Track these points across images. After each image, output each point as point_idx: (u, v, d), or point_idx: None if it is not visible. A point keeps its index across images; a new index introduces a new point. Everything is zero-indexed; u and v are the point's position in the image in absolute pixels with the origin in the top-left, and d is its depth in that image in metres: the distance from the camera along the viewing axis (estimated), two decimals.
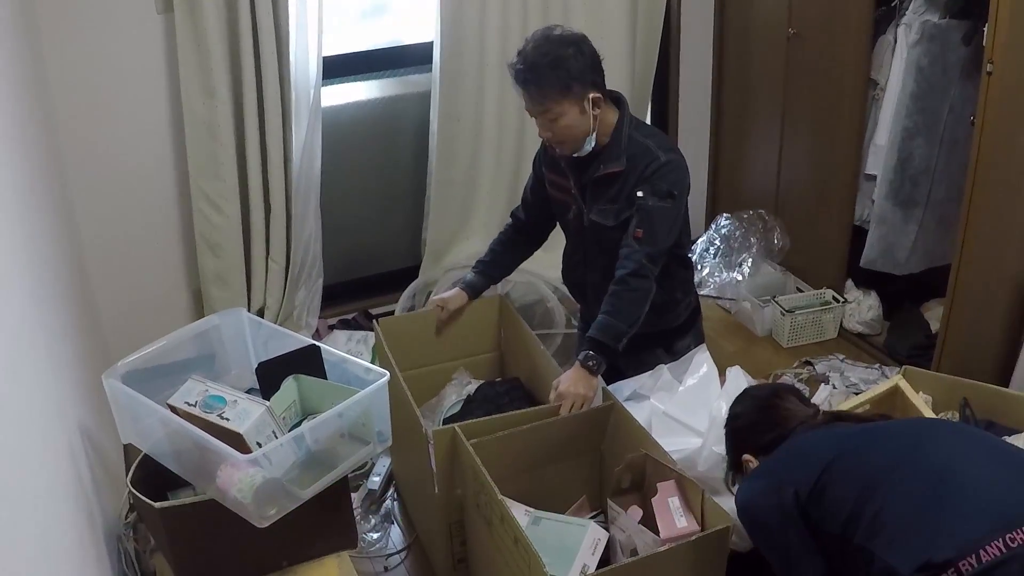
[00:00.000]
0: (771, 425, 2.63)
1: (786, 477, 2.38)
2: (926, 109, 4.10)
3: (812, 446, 2.45)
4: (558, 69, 3.08)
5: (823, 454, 2.34)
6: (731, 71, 5.20)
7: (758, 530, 2.46)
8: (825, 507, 2.27)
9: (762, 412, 2.70)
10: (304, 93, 4.11)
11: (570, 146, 3.21)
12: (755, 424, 2.68)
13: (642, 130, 3.31)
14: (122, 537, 2.80)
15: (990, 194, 3.70)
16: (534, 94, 3.10)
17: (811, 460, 2.36)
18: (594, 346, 3.11)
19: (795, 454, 2.47)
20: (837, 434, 2.48)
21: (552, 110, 3.10)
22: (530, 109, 3.16)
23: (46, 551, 1.84)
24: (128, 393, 2.54)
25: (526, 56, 3.11)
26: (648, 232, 3.17)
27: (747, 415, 2.74)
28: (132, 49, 3.93)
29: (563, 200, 3.44)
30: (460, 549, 3.13)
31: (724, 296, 5.01)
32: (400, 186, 4.96)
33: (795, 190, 4.92)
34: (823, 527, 2.27)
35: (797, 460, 2.43)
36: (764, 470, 2.52)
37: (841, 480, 2.26)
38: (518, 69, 3.11)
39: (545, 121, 3.15)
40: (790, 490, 2.32)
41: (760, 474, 2.52)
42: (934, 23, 4.01)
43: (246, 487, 2.31)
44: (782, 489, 2.34)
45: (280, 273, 4.36)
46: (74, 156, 3.93)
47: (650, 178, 3.19)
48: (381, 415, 2.63)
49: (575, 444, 3.10)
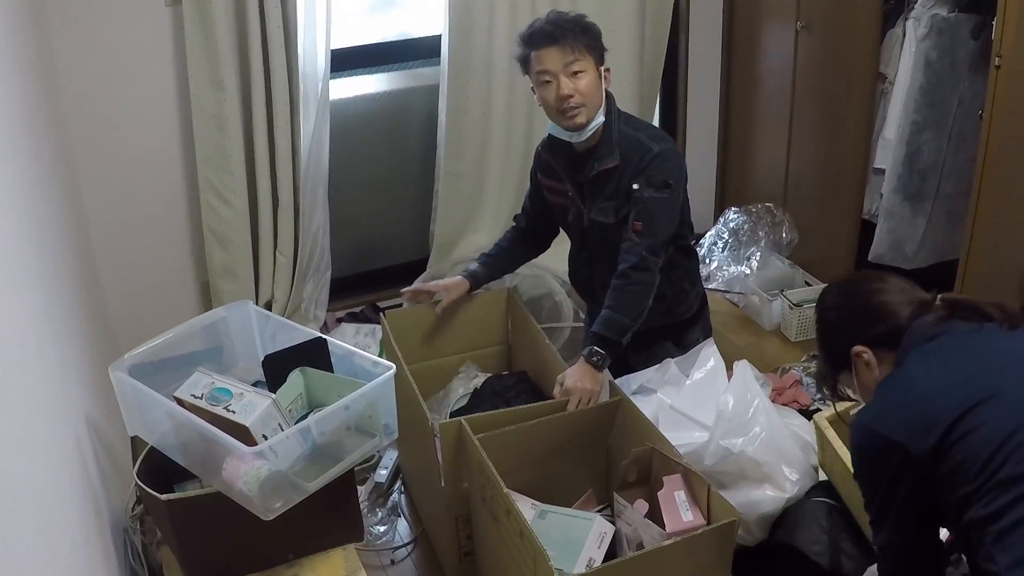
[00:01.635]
0: (879, 316, 2.33)
1: (909, 424, 2.12)
2: (935, 103, 4.10)
3: (936, 387, 2.14)
4: (585, 26, 3.16)
5: (950, 404, 2.07)
6: (740, 65, 5.19)
7: (862, 465, 2.26)
8: (946, 473, 2.05)
9: (863, 299, 2.39)
10: (312, 86, 4.11)
11: (587, 113, 3.18)
12: (858, 316, 2.38)
13: (631, 123, 3.32)
14: (129, 529, 2.81)
15: (998, 188, 3.70)
16: (564, 45, 3.11)
17: (936, 406, 2.09)
18: (597, 341, 3.11)
19: (918, 397, 2.15)
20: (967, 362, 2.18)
21: (579, 61, 3.12)
22: (552, 66, 3.14)
23: (52, 543, 1.84)
24: (134, 385, 2.54)
25: (548, 18, 3.17)
26: (647, 224, 3.17)
27: (843, 307, 2.45)
28: (140, 41, 3.94)
29: (561, 204, 3.45)
30: (467, 542, 3.13)
31: (732, 290, 5.00)
32: (408, 179, 4.96)
33: (803, 184, 4.91)
34: (941, 493, 2.08)
35: (920, 405, 2.13)
36: (886, 403, 2.23)
37: (970, 443, 2.02)
38: (541, 28, 3.15)
39: (569, 77, 3.13)
40: (913, 451, 2.08)
41: (882, 408, 2.23)
42: (943, 17, 4.00)
43: (252, 480, 2.32)
44: (903, 445, 2.09)
45: (288, 266, 4.36)
46: (83, 149, 3.94)
47: (645, 170, 3.19)
48: (387, 408, 2.64)
49: (582, 438, 3.09)
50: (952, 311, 2.27)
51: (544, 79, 3.17)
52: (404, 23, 4.75)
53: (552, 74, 3.15)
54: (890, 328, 2.29)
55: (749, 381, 3.16)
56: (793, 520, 3.04)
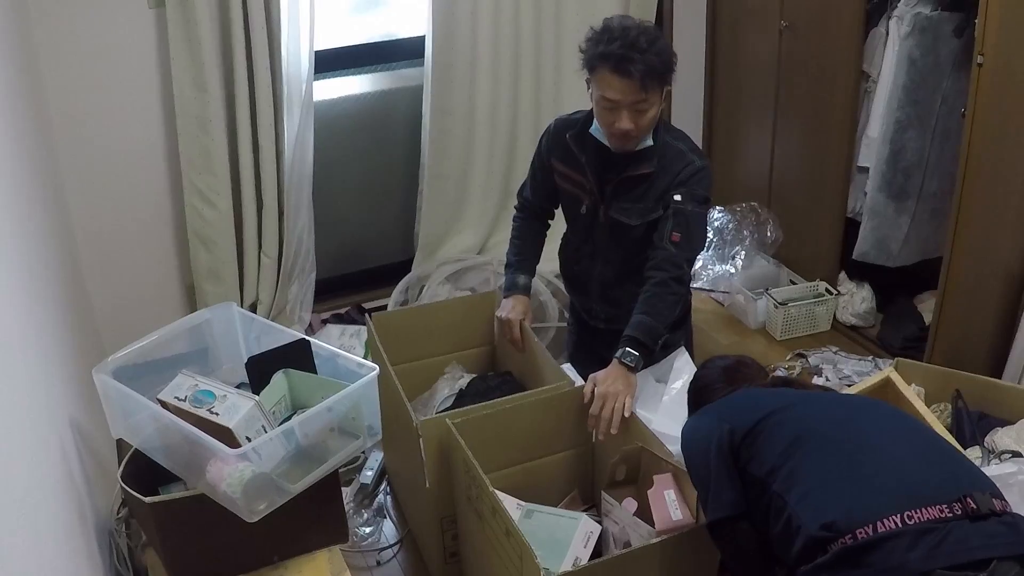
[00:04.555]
0: (726, 384, 2.76)
1: (725, 415, 2.49)
2: (918, 101, 4.10)
3: (755, 398, 2.56)
4: (663, 53, 2.99)
5: (764, 405, 2.44)
6: (723, 64, 5.20)
7: (689, 457, 2.53)
8: (755, 451, 2.35)
9: (722, 373, 2.82)
10: (296, 87, 4.11)
11: (638, 141, 3.14)
12: (713, 383, 2.80)
13: (672, 133, 3.28)
14: (114, 532, 2.79)
15: (982, 186, 3.71)
16: (639, 80, 2.95)
17: (751, 408, 2.45)
18: (635, 345, 3.05)
19: (739, 400, 2.59)
20: (783, 393, 2.61)
21: (648, 99, 3.01)
22: (620, 98, 3.00)
23: (37, 547, 1.84)
24: (118, 388, 2.53)
25: (628, 40, 2.95)
26: (686, 236, 3.14)
27: (707, 376, 2.86)
28: (124, 43, 3.93)
29: (575, 193, 3.38)
30: (452, 543, 3.13)
31: (717, 289, 5.02)
32: (393, 180, 4.96)
33: (788, 183, 4.92)
34: (749, 468, 2.35)
35: (739, 405, 2.54)
36: (709, 409, 2.63)
37: (774, 430, 2.35)
38: (615, 52, 2.95)
39: (633, 112, 3.03)
40: (726, 426, 2.42)
41: (704, 411, 2.63)
42: (926, 15, 4.01)
43: (235, 482, 2.31)
44: (719, 424, 2.44)
45: (273, 267, 4.36)
46: (67, 151, 3.93)
47: (687, 182, 3.16)
48: (371, 409, 2.63)
49: (568, 437, 3.10)
50: (785, 383, 2.81)
51: (606, 105, 3.05)
52: (388, 24, 4.74)
53: (616, 104, 3.03)
54: (730, 391, 2.73)
55: None
56: None
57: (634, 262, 3.26)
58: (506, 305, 3.47)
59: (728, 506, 2.37)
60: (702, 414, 2.61)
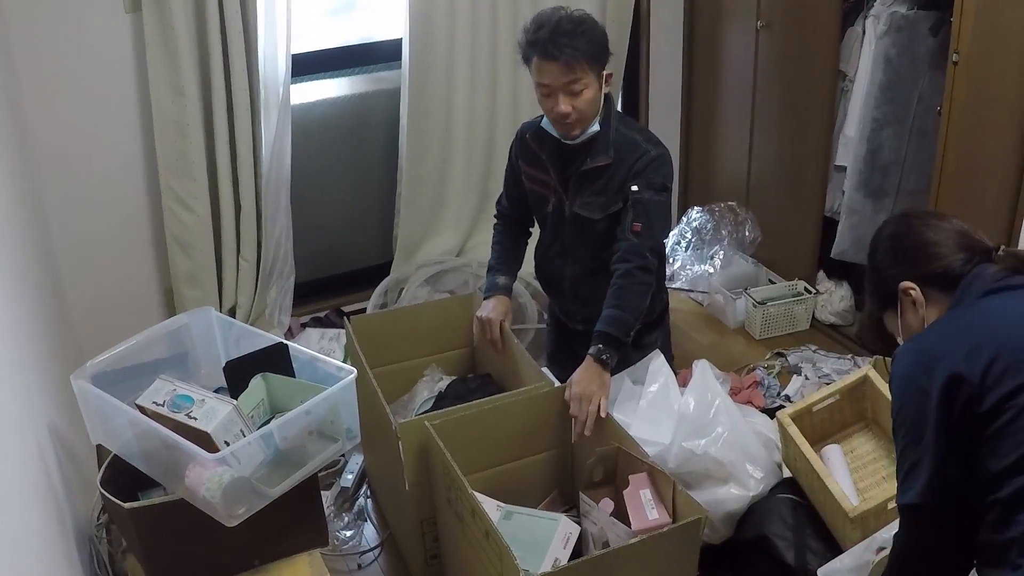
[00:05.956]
0: (927, 254, 2.17)
1: (971, 346, 1.93)
2: (895, 100, 4.12)
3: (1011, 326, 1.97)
4: (589, 34, 3.07)
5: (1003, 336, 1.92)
6: (701, 64, 5.21)
7: (901, 396, 2.04)
8: (992, 432, 1.87)
9: (915, 234, 2.23)
10: (273, 91, 4.10)
11: (582, 126, 3.18)
12: (907, 251, 2.22)
13: (626, 123, 3.32)
14: (94, 538, 2.79)
15: (957, 183, 3.73)
16: (567, 60, 3.03)
17: (1007, 342, 1.92)
18: (605, 340, 3.08)
19: (984, 326, 2.00)
20: None
21: (581, 80, 3.07)
22: (552, 82, 3.08)
23: (16, 553, 1.83)
24: (96, 394, 2.53)
25: (552, 25, 3.04)
26: (647, 225, 3.18)
27: (894, 240, 2.27)
28: (100, 48, 3.92)
29: (541, 193, 3.44)
30: (433, 545, 3.14)
31: (696, 289, 5.02)
32: (371, 183, 4.96)
33: (766, 182, 4.94)
34: (980, 455, 1.89)
35: (986, 336, 1.95)
36: (945, 329, 2.07)
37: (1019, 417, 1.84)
38: (542, 38, 3.04)
39: (568, 95, 3.10)
40: (958, 367, 1.90)
41: (941, 333, 2.07)
42: (902, 14, 4.02)
43: (214, 486, 2.31)
44: (964, 363, 1.91)
45: (251, 271, 4.35)
46: (44, 156, 3.92)
47: (643, 172, 3.20)
48: (349, 412, 2.63)
49: (547, 438, 3.11)
50: (1016, 265, 2.09)
51: (543, 91, 3.14)
52: (365, 27, 4.74)
53: (551, 88, 3.11)
54: (940, 268, 2.13)
55: (709, 381, 3.18)
56: (758, 517, 3.06)
57: (601, 257, 3.29)
58: (487, 305, 3.49)
59: (951, 486, 1.94)
60: (934, 336, 2.06)
